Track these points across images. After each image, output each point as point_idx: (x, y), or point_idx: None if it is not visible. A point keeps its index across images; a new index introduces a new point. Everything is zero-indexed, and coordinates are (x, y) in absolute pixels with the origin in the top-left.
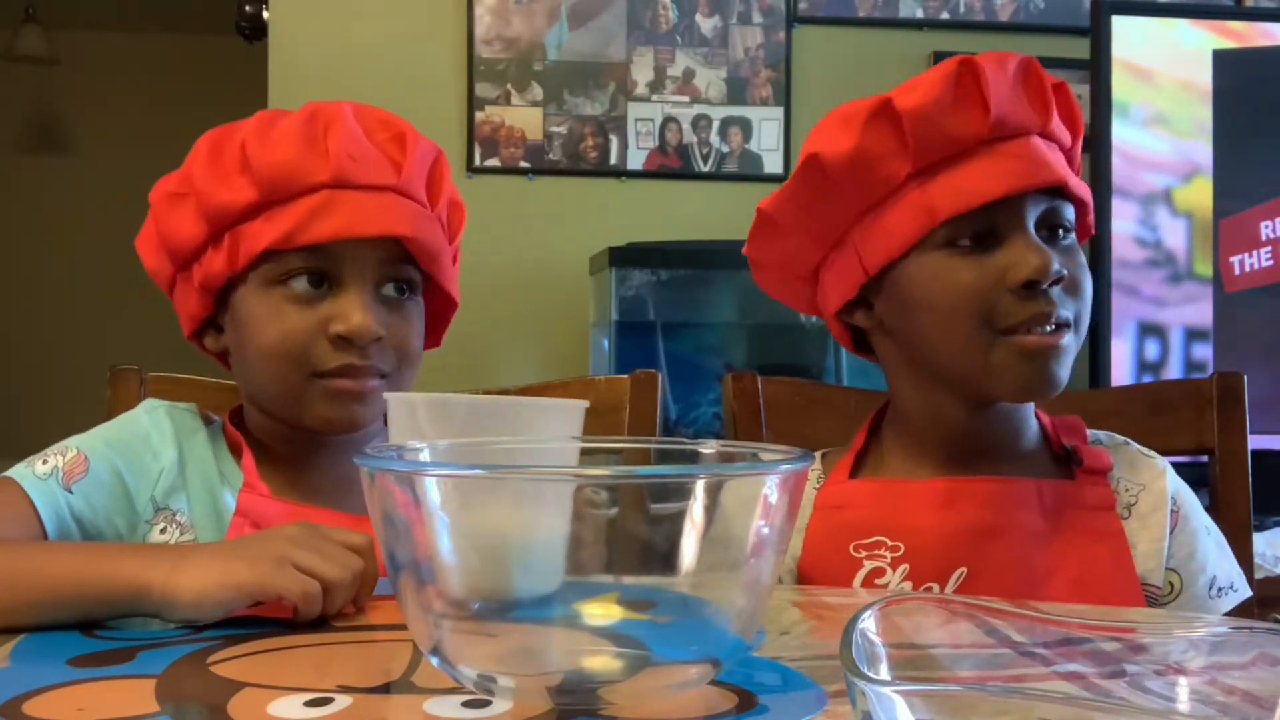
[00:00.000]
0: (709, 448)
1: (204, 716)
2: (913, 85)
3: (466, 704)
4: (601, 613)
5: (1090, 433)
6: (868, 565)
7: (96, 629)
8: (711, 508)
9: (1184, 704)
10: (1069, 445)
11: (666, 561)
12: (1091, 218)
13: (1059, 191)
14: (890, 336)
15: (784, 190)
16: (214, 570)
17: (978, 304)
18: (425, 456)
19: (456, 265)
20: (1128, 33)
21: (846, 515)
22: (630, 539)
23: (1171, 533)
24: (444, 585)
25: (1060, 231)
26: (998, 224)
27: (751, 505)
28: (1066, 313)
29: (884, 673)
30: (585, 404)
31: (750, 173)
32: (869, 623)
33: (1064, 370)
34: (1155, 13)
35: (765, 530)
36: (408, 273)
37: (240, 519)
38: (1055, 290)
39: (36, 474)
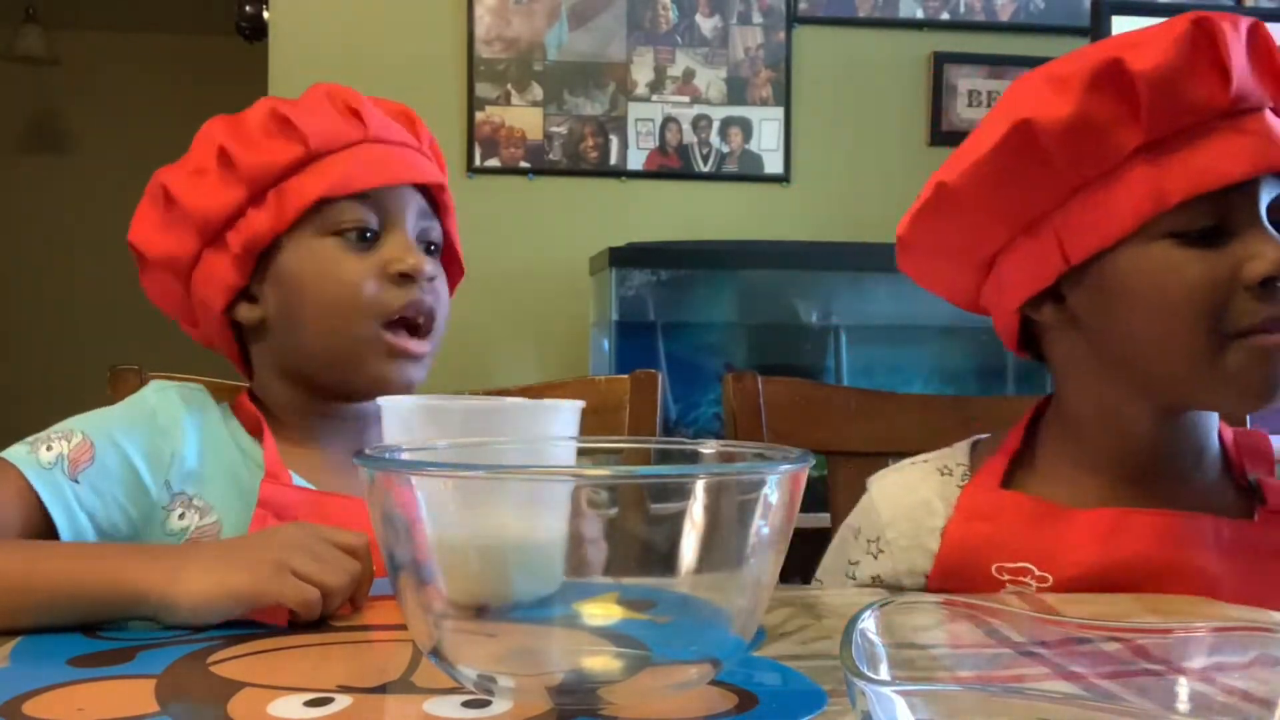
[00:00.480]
0: (709, 448)
1: (204, 716)
2: (1136, 42)
3: (466, 704)
4: (601, 613)
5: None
6: (1009, 590)
7: (97, 629)
8: (711, 508)
9: (1184, 704)
10: (1253, 479)
11: (666, 561)
12: None
13: None
14: (1080, 334)
15: (976, 159)
16: (212, 578)
17: (1207, 304)
18: (424, 457)
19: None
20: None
21: (993, 530)
22: (630, 539)
23: None
24: (444, 585)
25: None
26: (1230, 212)
27: (751, 505)
28: None
29: (884, 673)
30: (581, 404)
31: (750, 173)
32: (869, 623)
33: None
34: (1155, 13)
35: (765, 530)
36: (435, 230)
37: (263, 510)
38: None
39: (41, 462)
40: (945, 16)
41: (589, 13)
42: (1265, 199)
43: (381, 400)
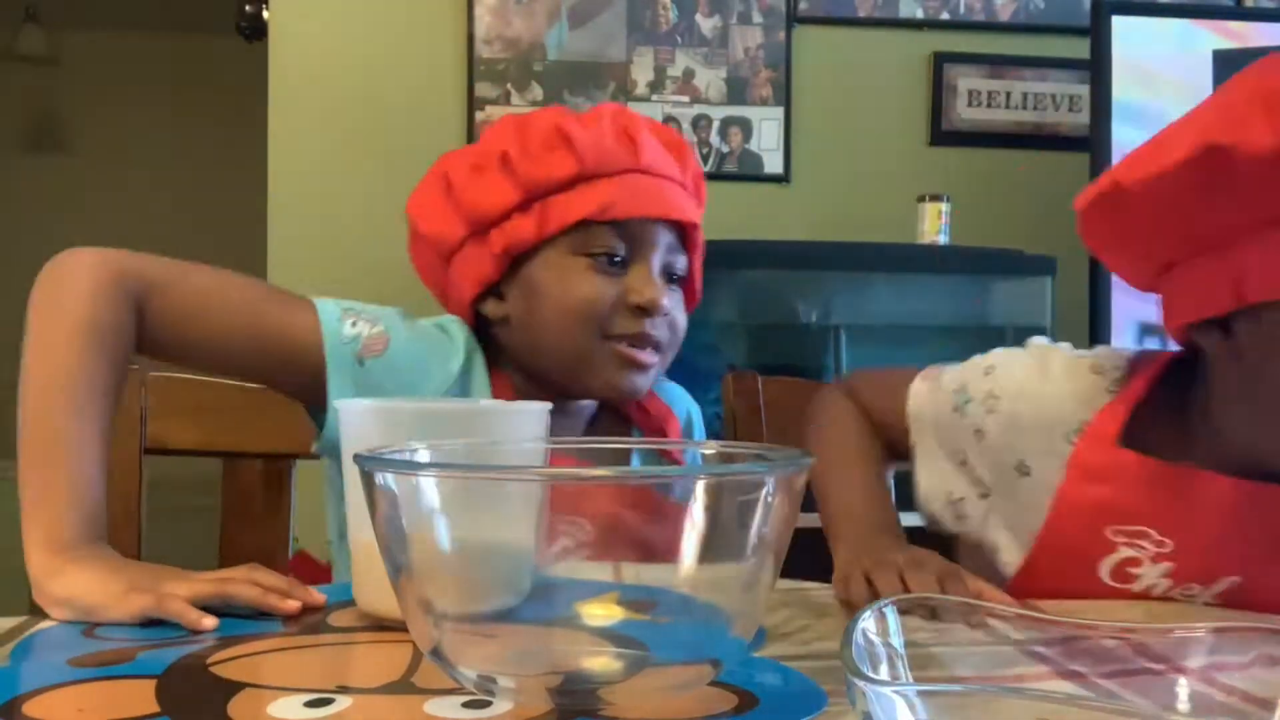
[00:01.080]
0: (709, 448)
1: (204, 716)
2: None
3: (466, 704)
4: (601, 613)
5: None
6: (1123, 552)
7: (96, 629)
8: (711, 508)
9: (1184, 704)
10: None
11: (666, 562)
12: None
13: None
14: (1241, 367)
15: (1158, 172)
16: (77, 588)
17: None
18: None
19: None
20: (1128, 33)
21: (1110, 492)
22: (630, 539)
23: None
24: (443, 585)
25: None
26: None
27: (751, 505)
28: None
29: (884, 673)
30: (547, 406)
31: (750, 173)
32: (869, 623)
33: None
34: (1155, 13)
35: (765, 530)
36: (680, 262)
37: None
38: None
39: (342, 335)
40: (945, 16)
41: (589, 13)
42: None
43: (338, 402)
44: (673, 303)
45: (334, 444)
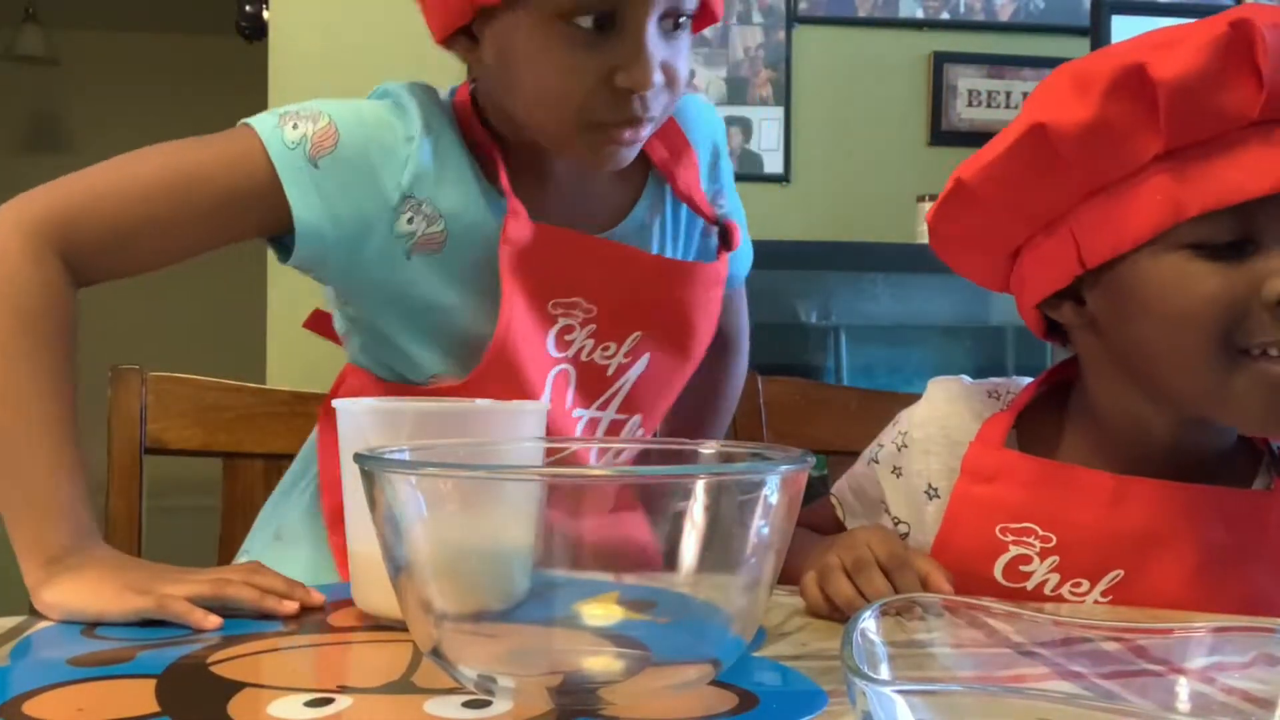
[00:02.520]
0: (709, 448)
1: (204, 716)
2: (1166, 43)
3: (466, 704)
4: (601, 613)
5: None
6: (1013, 550)
7: (96, 629)
8: (711, 508)
9: (1184, 704)
10: (1276, 446)
11: (666, 561)
12: None
13: None
14: (1100, 337)
15: (992, 159)
16: (76, 597)
17: (1222, 319)
18: (422, 457)
19: None
20: (1128, 33)
21: (997, 491)
22: (630, 539)
23: None
24: (444, 585)
25: None
26: (1256, 226)
27: (751, 505)
28: None
29: (884, 673)
30: (544, 406)
31: (750, 173)
32: (869, 623)
33: None
34: (1155, 13)
35: (765, 530)
36: (689, 2)
37: (508, 246)
38: None
39: (285, 140)
40: (945, 16)
41: None
42: None
43: (336, 403)
44: (673, 54)
45: (308, 263)
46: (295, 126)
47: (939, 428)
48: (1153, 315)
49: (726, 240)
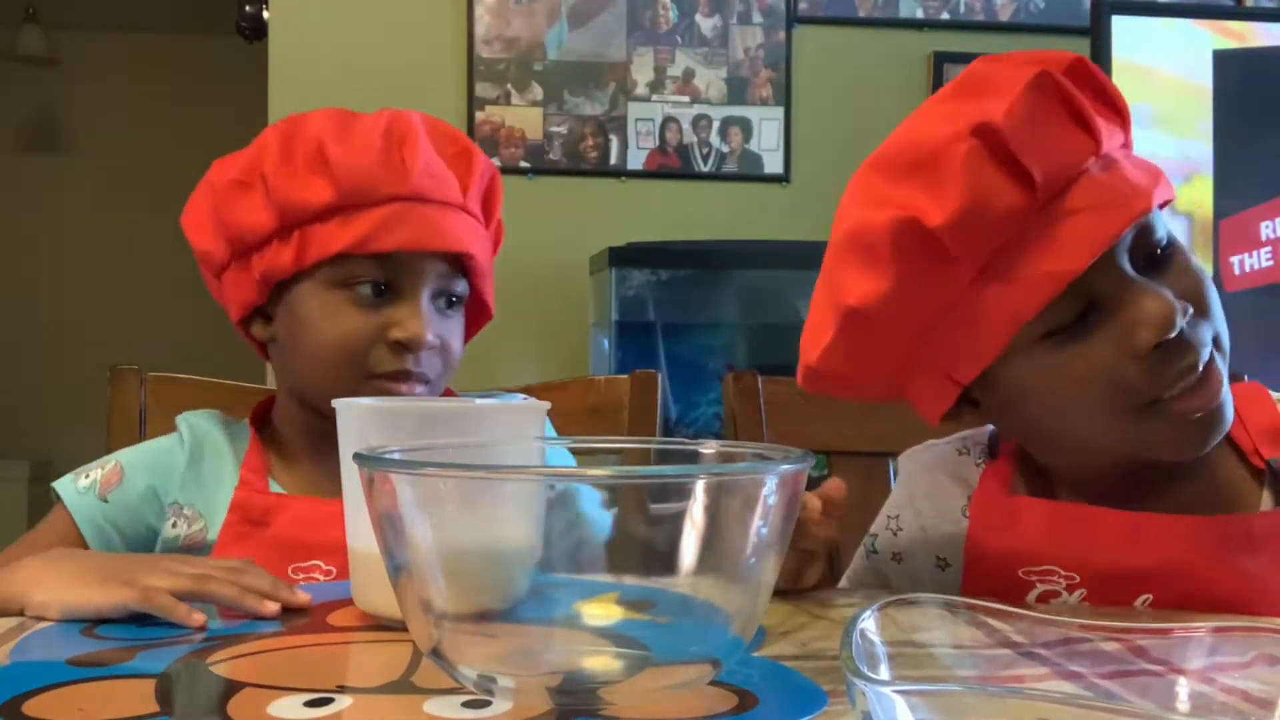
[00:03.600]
0: (709, 448)
1: (204, 716)
2: (932, 183)
3: (466, 704)
4: (601, 613)
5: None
6: (1040, 587)
7: (96, 628)
8: (711, 508)
9: (1184, 704)
10: (1273, 463)
11: (666, 561)
12: (1172, 193)
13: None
14: (1006, 422)
15: (822, 350)
16: (62, 593)
17: (1108, 387)
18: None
19: (493, 276)
20: (1128, 33)
21: (1013, 538)
22: (630, 539)
23: None
24: (444, 585)
25: (1158, 250)
26: (1093, 290)
27: (751, 505)
28: (1206, 336)
29: (884, 673)
30: (545, 405)
31: (750, 173)
32: (869, 623)
33: (1228, 406)
34: (1155, 13)
35: (765, 530)
36: (459, 286)
37: (233, 515)
38: (1191, 331)
39: (78, 488)
40: (945, 16)
41: (589, 13)
42: (1124, 251)
43: (335, 402)
44: (446, 329)
45: None
46: (86, 477)
47: (927, 502)
48: (1044, 408)
49: None
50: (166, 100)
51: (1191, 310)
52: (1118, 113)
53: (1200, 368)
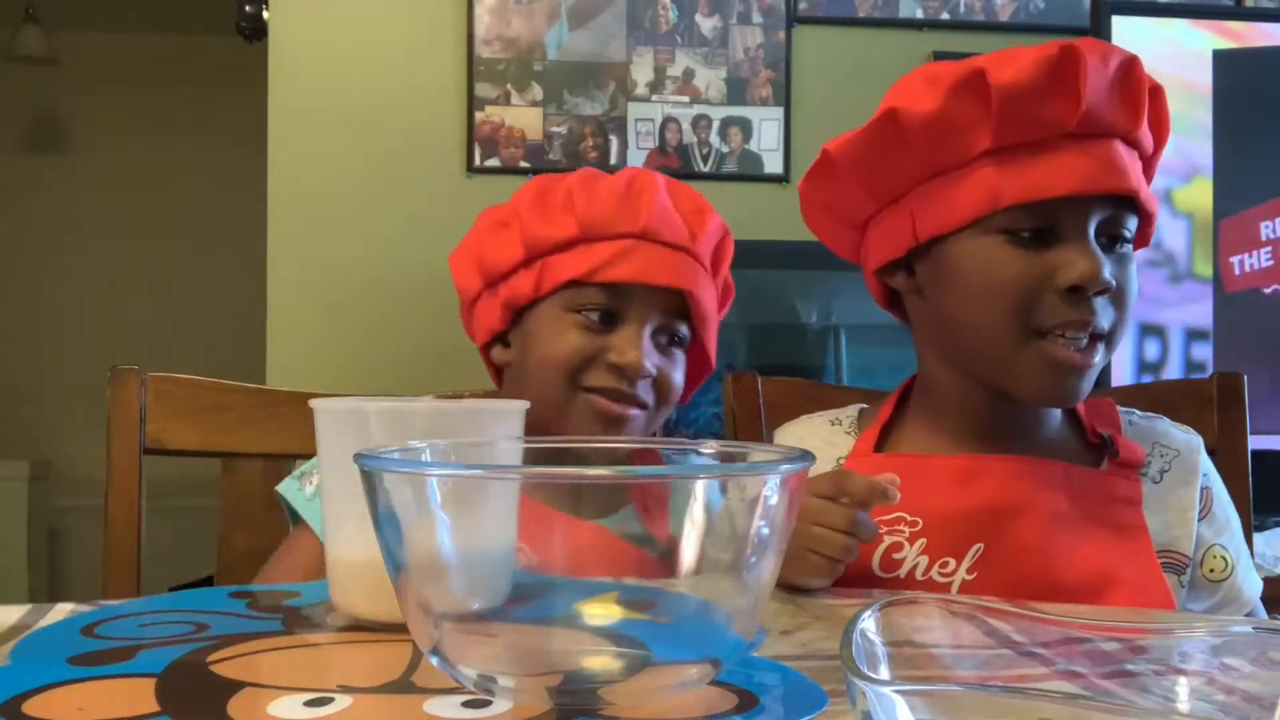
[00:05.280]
0: (709, 448)
1: (204, 716)
2: (1010, 58)
3: (466, 704)
4: (601, 613)
5: (1123, 411)
6: (886, 540)
7: (96, 628)
8: (711, 508)
9: (1184, 704)
10: (1105, 434)
11: (666, 562)
12: (1152, 229)
13: (1126, 200)
14: (925, 304)
15: (852, 136)
16: None
17: (1019, 299)
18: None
19: (716, 330)
20: (1128, 33)
21: None
22: (630, 539)
23: (1201, 516)
24: (444, 585)
25: (1119, 241)
26: (1059, 222)
27: (751, 505)
28: (1105, 323)
29: (884, 673)
30: (525, 405)
31: (750, 173)
32: (869, 623)
33: (1087, 384)
34: (1155, 13)
35: (765, 530)
36: (681, 327)
37: None
38: (1100, 299)
39: (306, 495)
40: (945, 16)
41: (589, 13)
42: (1098, 216)
43: (312, 402)
44: (666, 364)
45: None
46: (312, 483)
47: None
48: (964, 290)
49: None
50: (166, 100)
51: (1112, 288)
52: (1159, 127)
53: (1088, 334)
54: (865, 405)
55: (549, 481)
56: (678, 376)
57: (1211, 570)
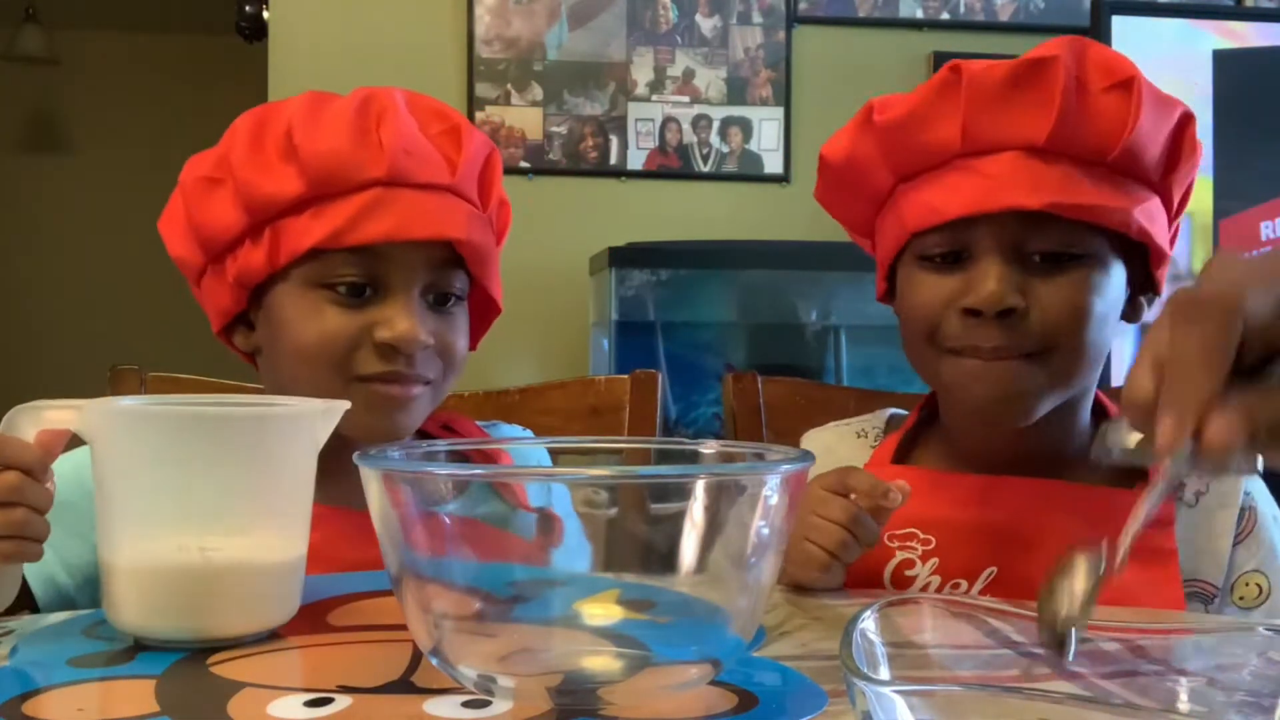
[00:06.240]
0: (709, 448)
1: (204, 716)
2: (902, 96)
3: (466, 704)
4: (601, 613)
5: None
6: (899, 556)
7: (97, 628)
8: (711, 508)
9: (1184, 704)
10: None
11: (666, 561)
12: (1127, 229)
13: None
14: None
15: (843, 130)
16: None
17: (925, 322)
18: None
19: (498, 266)
20: (1128, 33)
21: None
22: (630, 539)
23: (1240, 539)
24: (444, 585)
25: (1054, 258)
26: (968, 242)
27: (751, 505)
28: (1017, 341)
29: (884, 673)
30: (346, 405)
31: (750, 173)
32: (869, 623)
33: (1025, 398)
34: (1155, 13)
35: (765, 530)
36: (457, 280)
37: None
38: (1006, 320)
39: None
40: (945, 16)
41: (589, 13)
42: (1010, 233)
43: (94, 401)
44: (445, 326)
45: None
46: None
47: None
48: (901, 314)
49: None
50: (166, 100)
51: (1017, 310)
52: (1120, 122)
53: (986, 357)
54: (896, 410)
55: (551, 481)
56: (461, 341)
57: (1242, 598)
